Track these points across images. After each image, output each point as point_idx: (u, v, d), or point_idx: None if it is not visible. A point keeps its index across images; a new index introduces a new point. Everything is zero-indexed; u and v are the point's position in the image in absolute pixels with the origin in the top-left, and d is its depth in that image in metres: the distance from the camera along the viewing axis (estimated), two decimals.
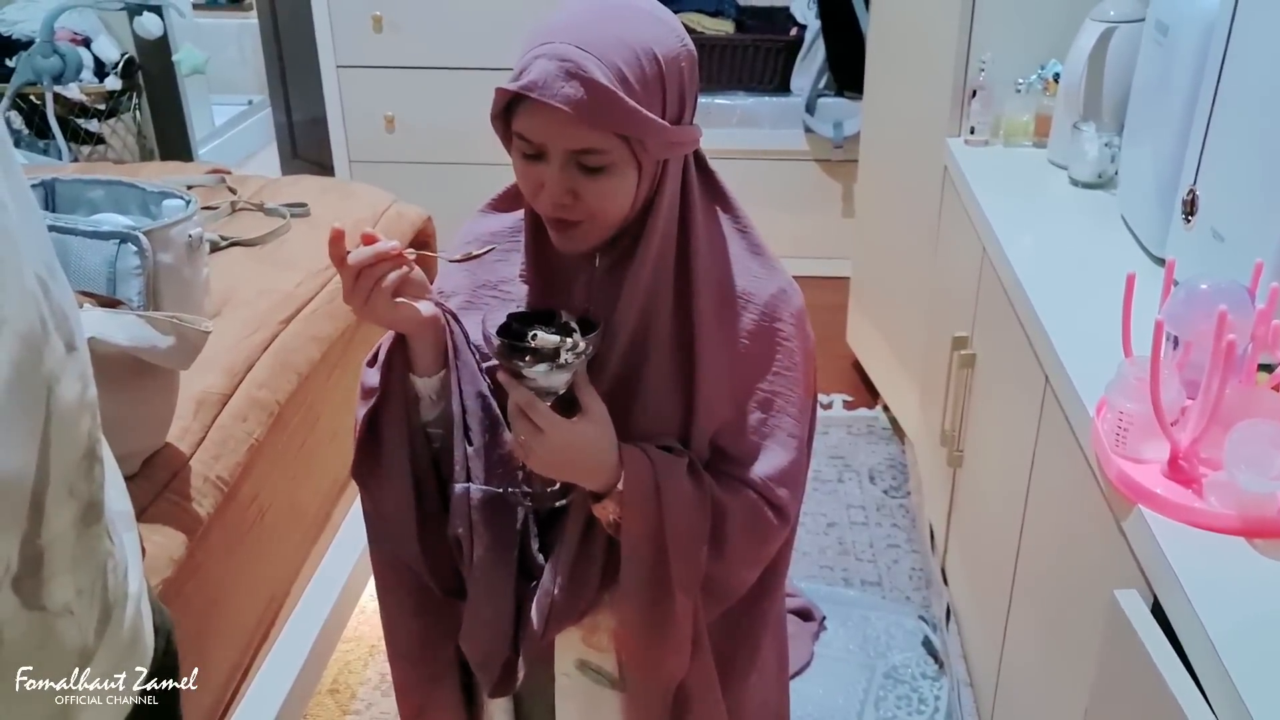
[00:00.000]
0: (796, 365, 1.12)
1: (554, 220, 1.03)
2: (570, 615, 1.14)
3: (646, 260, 1.05)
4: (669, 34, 1.00)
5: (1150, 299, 1.17)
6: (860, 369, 2.92)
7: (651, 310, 1.07)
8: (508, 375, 1.01)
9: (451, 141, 3.33)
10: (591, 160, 0.98)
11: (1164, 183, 1.49)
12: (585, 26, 0.96)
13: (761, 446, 1.11)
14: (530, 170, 1.00)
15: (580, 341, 1.00)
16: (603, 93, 0.93)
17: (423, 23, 3.23)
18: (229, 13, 4.64)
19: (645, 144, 0.98)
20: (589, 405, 1.04)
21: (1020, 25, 2.04)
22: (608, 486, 1.05)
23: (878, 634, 2.07)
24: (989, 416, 1.77)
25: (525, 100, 0.95)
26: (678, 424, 1.10)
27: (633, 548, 1.08)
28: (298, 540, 1.92)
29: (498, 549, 1.12)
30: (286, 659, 1.79)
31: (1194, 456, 1.06)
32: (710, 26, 3.56)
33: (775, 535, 1.14)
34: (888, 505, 2.48)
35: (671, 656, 1.13)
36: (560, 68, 0.93)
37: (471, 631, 1.16)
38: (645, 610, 1.10)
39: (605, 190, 0.99)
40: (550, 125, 0.96)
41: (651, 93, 0.97)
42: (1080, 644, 1.21)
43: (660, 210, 1.04)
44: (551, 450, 1.02)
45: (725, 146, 3.18)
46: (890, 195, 2.60)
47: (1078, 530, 1.26)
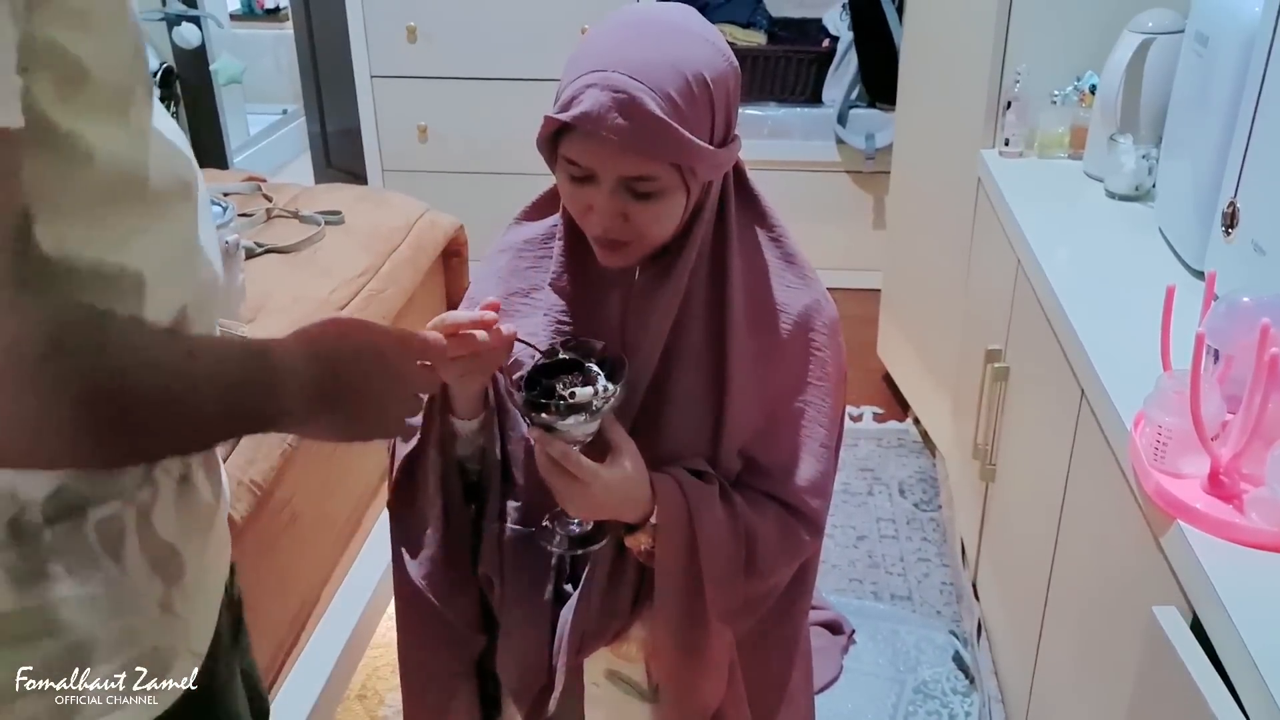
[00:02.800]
0: (828, 376, 1.12)
1: (602, 240, 1.02)
2: (602, 639, 1.14)
3: (684, 273, 1.05)
4: (717, 55, 0.99)
5: (1188, 312, 1.16)
6: (891, 381, 2.91)
7: (684, 320, 1.07)
8: (538, 430, 0.99)
9: (484, 151, 3.35)
10: (643, 187, 0.97)
11: (1203, 195, 1.47)
12: (636, 53, 0.95)
13: (794, 457, 1.11)
14: (579, 192, 1.00)
15: (611, 387, 0.98)
16: (657, 124, 0.92)
17: (456, 34, 3.25)
18: (265, 23, 4.70)
19: (695, 170, 0.98)
20: (619, 444, 1.02)
21: (1056, 37, 2.03)
22: (641, 519, 1.05)
23: (908, 648, 2.05)
24: (1023, 430, 1.75)
25: (575, 130, 0.94)
26: (708, 434, 1.09)
27: (667, 578, 1.07)
28: (329, 545, 1.93)
29: (531, 585, 1.13)
30: (316, 664, 1.80)
31: (1235, 472, 1.05)
32: (742, 38, 3.56)
33: (806, 549, 1.13)
34: (918, 519, 2.46)
35: (709, 682, 1.13)
36: (614, 99, 0.91)
37: (506, 662, 1.17)
38: (682, 638, 1.10)
39: (656, 214, 0.99)
40: (602, 153, 0.95)
41: (701, 118, 0.97)
42: (1117, 661, 1.19)
43: (700, 225, 1.04)
44: (592, 498, 1.01)
45: (757, 157, 3.16)
46: (922, 207, 2.59)
47: (1114, 545, 1.25)
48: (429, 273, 2.32)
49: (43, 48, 0.60)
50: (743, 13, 3.61)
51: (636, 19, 1.01)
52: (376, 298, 2.04)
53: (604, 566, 1.11)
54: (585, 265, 1.09)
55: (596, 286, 1.10)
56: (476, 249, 2.46)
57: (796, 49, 3.51)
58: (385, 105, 3.37)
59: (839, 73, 3.46)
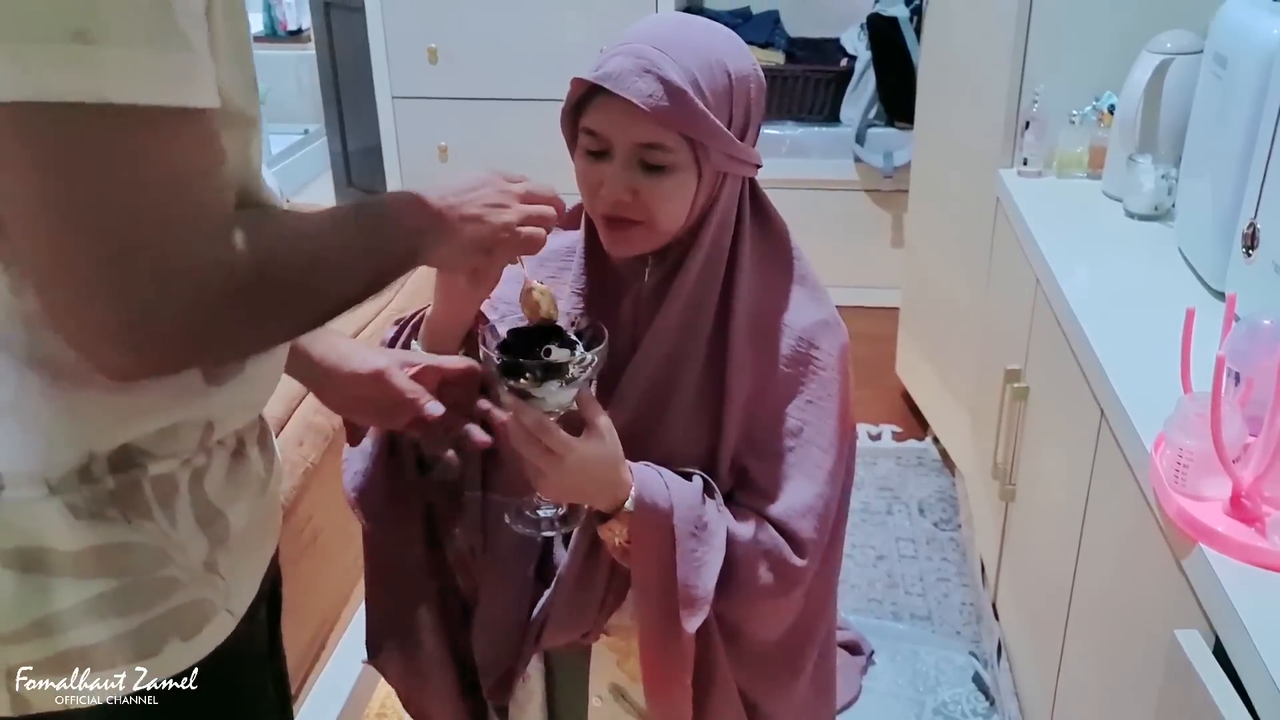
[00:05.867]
0: (831, 397, 1.10)
1: (609, 219, 1.04)
2: (568, 633, 1.13)
3: (691, 272, 1.05)
4: (743, 55, 1.04)
5: (1208, 334, 1.16)
6: (909, 399, 2.90)
7: (690, 327, 1.07)
8: (513, 396, 0.96)
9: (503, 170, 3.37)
10: (655, 157, 1.00)
11: (1223, 216, 1.47)
12: (665, 33, 1.01)
13: (786, 476, 1.08)
14: (592, 169, 1.03)
15: (588, 355, 0.96)
16: (675, 91, 0.96)
17: (477, 55, 3.28)
18: (288, 44, 4.75)
19: (709, 150, 1.00)
20: (595, 420, 0.99)
21: (1074, 57, 2.03)
22: (614, 506, 1.02)
23: (927, 669, 2.04)
24: (1042, 450, 1.74)
25: (596, 98, 0.99)
26: (705, 444, 1.09)
27: (642, 570, 1.05)
28: (349, 563, 1.94)
29: (512, 560, 1.13)
30: (336, 682, 1.81)
31: (1257, 495, 1.04)
32: (760, 57, 3.57)
33: (795, 574, 1.08)
34: (938, 538, 2.45)
35: (688, 684, 1.10)
36: (637, 64, 0.97)
37: (479, 635, 1.17)
38: (660, 638, 1.06)
39: (665, 191, 1.01)
40: (620, 119, 0.99)
41: (720, 103, 1.00)
42: (1138, 684, 1.18)
43: (711, 225, 1.05)
44: (566, 474, 0.97)
45: (775, 176, 3.15)
46: (940, 225, 2.59)
47: (1135, 567, 1.24)
48: None
49: None
50: (761, 33, 3.63)
51: (669, 17, 1.06)
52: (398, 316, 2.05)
53: (577, 557, 1.09)
54: (602, 270, 1.12)
55: (611, 290, 1.12)
56: None
57: (814, 68, 3.52)
58: (406, 125, 3.41)
59: (857, 92, 3.47)
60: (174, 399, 0.77)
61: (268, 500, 0.91)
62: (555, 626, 1.12)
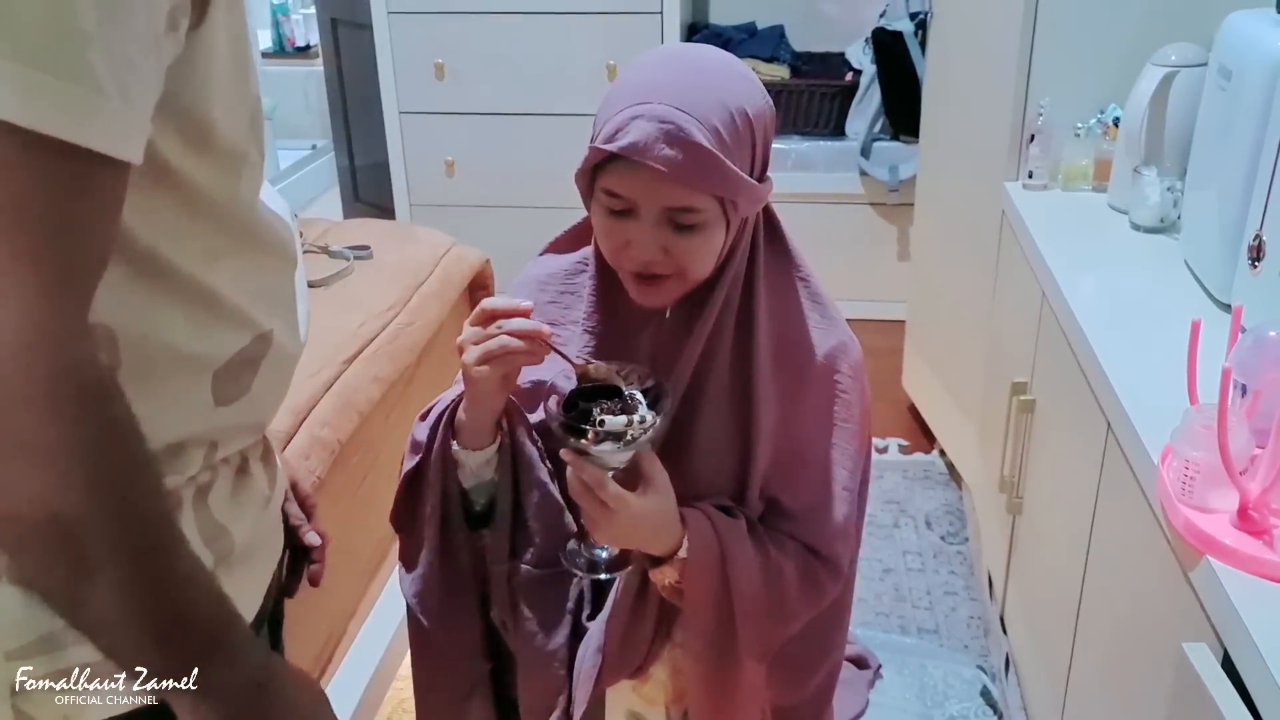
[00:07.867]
0: (853, 418, 1.11)
1: (639, 275, 1.02)
2: (621, 672, 1.13)
3: (714, 312, 1.05)
4: (755, 92, 1.01)
5: (1214, 345, 1.15)
6: (916, 413, 2.90)
7: (711, 361, 1.07)
8: (572, 454, 0.98)
9: (510, 186, 3.39)
10: (686, 219, 0.97)
11: (1229, 227, 1.47)
12: (680, 85, 0.95)
13: (818, 501, 1.10)
14: (616, 226, 0.99)
15: (648, 416, 0.98)
16: (705, 156, 0.93)
17: (484, 70, 3.30)
18: (296, 60, 4.77)
19: (737, 203, 0.99)
20: (653, 476, 1.01)
21: (1079, 70, 2.03)
22: (668, 552, 1.04)
23: (935, 683, 2.03)
24: (1049, 463, 1.74)
25: (617, 158, 0.94)
26: (733, 475, 1.09)
27: (695, 613, 1.07)
28: (355, 577, 1.94)
29: (545, 627, 1.12)
30: (342, 696, 1.80)
31: (1264, 507, 1.04)
32: (766, 72, 3.58)
33: (828, 593, 1.12)
34: (945, 552, 2.44)
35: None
36: (661, 130, 0.92)
37: (524, 696, 1.17)
38: (713, 676, 1.09)
39: (697, 248, 0.99)
40: (647, 184, 0.95)
41: (743, 151, 0.98)
42: (1147, 698, 1.18)
43: (733, 265, 1.04)
44: (620, 526, 1.00)
45: (781, 190, 3.11)
46: (946, 239, 2.59)
47: (1143, 580, 1.24)
48: (456, 306, 2.34)
49: (170, 101, 0.67)
50: (766, 47, 3.64)
51: (675, 54, 1.02)
52: (404, 331, 2.06)
53: (628, 597, 1.10)
54: (616, 304, 1.09)
55: (626, 325, 1.10)
56: (503, 282, 2.48)
57: (820, 83, 3.53)
58: (413, 140, 3.42)
59: (862, 106, 3.47)
60: (181, 418, 0.78)
61: (270, 516, 0.91)
62: (610, 668, 1.12)
